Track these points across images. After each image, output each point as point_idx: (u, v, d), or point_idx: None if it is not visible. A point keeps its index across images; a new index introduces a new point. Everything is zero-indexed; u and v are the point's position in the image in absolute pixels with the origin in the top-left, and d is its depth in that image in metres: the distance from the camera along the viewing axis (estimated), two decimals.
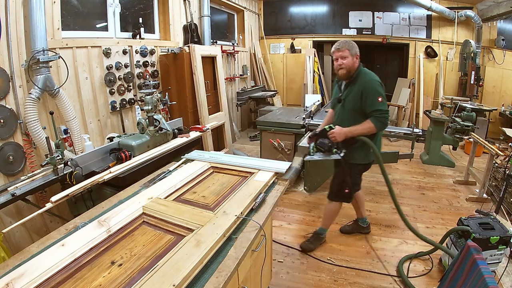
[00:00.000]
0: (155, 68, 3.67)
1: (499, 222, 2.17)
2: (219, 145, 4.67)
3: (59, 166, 1.99)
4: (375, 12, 6.50)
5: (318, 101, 5.30)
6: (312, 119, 3.86)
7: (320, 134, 2.19)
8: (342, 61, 2.10)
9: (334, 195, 2.48)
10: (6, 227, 1.66)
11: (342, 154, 2.16)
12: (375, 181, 3.95)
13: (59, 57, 2.35)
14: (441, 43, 6.24)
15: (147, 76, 3.49)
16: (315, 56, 6.41)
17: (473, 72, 5.62)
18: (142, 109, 2.48)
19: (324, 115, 4.63)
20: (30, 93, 2.16)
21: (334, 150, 2.16)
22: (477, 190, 3.43)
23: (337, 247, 2.59)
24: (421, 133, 4.07)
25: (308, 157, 2.25)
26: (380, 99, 2.06)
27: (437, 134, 4.31)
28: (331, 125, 2.17)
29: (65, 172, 1.96)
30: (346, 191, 2.36)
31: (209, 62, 4.43)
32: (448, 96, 5.71)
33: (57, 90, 2.33)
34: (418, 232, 2.26)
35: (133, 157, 2.27)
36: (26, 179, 1.93)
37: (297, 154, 3.08)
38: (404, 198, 3.46)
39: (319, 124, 2.74)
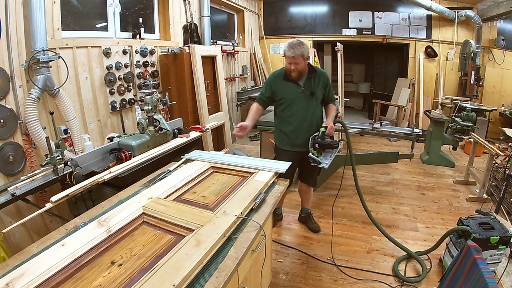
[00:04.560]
0: (155, 68, 3.67)
1: (499, 222, 2.17)
2: (219, 145, 4.66)
3: (59, 166, 1.99)
4: (375, 12, 6.49)
5: None
6: None
7: (322, 138, 2.26)
8: (295, 66, 2.20)
9: (316, 181, 2.78)
10: (6, 227, 1.66)
11: (340, 140, 2.46)
12: (375, 181, 3.95)
13: (59, 57, 2.35)
14: (441, 43, 6.24)
15: (147, 76, 3.49)
16: (315, 56, 6.39)
17: (473, 72, 5.62)
18: (142, 109, 2.48)
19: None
20: (30, 93, 2.16)
21: (335, 143, 2.30)
22: (477, 190, 3.43)
23: (337, 247, 2.59)
24: (421, 133, 4.07)
25: (324, 164, 2.22)
26: None
27: (437, 134, 4.31)
28: (323, 126, 2.30)
29: (65, 172, 1.96)
30: None
31: (209, 62, 4.43)
32: (448, 96, 5.71)
33: (57, 90, 2.33)
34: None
35: (133, 157, 2.27)
36: (26, 179, 1.93)
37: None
38: (404, 198, 3.46)
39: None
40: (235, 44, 5.95)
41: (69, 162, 1.95)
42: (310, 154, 2.26)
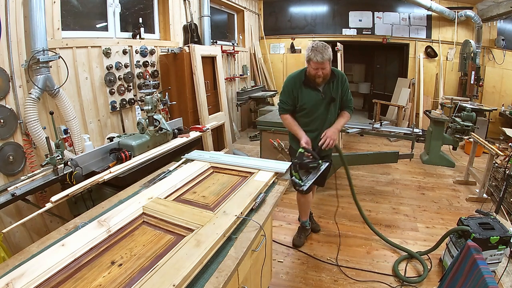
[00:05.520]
0: (155, 68, 3.67)
1: (499, 222, 2.18)
2: (219, 145, 4.66)
3: (59, 166, 1.99)
4: (375, 12, 6.50)
5: None
6: None
7: (300, 159, 2.07)
8: (323, 71, 2.07)
9: (325, 182, 2.63)
10: (6, 227, 1.66)
11: (327, 161, 2.11)
12: (375, 181, 3.95)
13: (59, 57, 2.35)
14: (441, 43, 6.24)
15: (147, 76, 3.49)
16: None
17: (473, 72, 5.62)
18: (142, 109, 2.48)
19: None
20: (30, 93, 2.16)
21: (320, 161, 2.08)
22: (477, 190, 3.43)
23: (337, 247, 2.59)
24: (421, 133, 4.07)
25: (305, 187, 2.02)
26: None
27: (437, 134, 4.31)
28: (301, 147, 2.11)
29: (65, 172, 1.96)
30: None
31: (209, 62, 4.43)
32: (448, 96, 5.71)
33: (57, 90, 2.33)
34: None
35: (133, 157, 2.27)
36: (26, 179, 1.93)
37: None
38: (404, 198, 3.46)
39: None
40: (235, 44, 5.95)
41: (69, 162, 1.95)
42: (293, 178, 2.04)
